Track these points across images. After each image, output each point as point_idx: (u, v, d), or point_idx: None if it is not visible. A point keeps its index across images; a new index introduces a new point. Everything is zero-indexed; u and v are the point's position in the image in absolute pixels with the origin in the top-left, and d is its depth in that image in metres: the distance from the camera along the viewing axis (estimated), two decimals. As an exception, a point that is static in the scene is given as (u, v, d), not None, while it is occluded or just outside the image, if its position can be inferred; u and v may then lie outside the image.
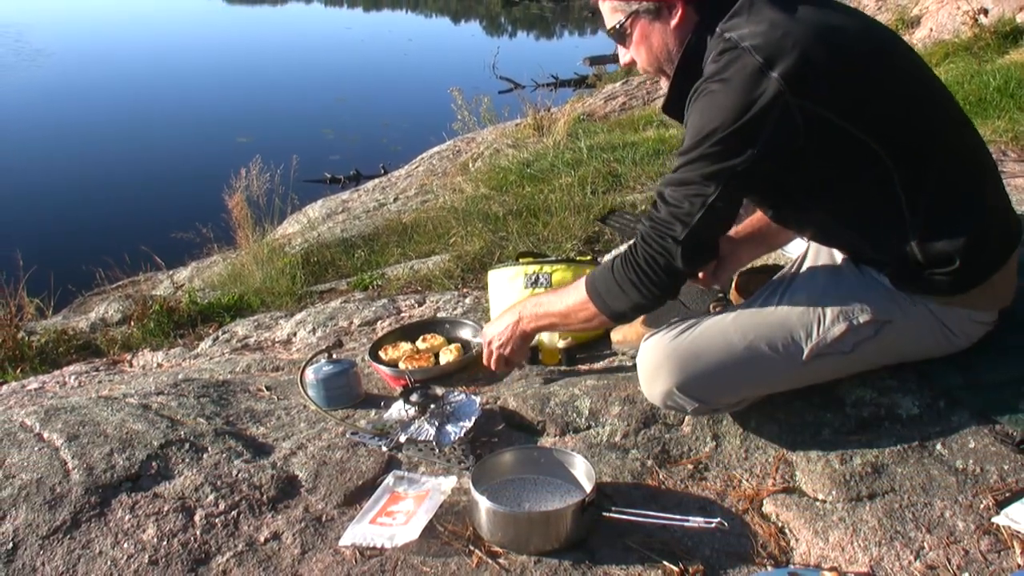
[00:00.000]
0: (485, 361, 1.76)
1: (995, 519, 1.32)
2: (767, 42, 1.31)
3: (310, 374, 1.87)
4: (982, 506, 1.35)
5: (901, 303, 1.45)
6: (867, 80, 1.35)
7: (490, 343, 1.72)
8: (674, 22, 1.43)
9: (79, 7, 26.88)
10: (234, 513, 1.47)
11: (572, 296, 1.54)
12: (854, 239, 1.47)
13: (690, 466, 1.54)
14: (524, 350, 1.74)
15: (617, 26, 1.48)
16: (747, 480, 1.49)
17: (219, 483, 1.53)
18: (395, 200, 5.61)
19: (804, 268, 1.58)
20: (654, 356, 1.50)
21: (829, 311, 1.46)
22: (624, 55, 1.55)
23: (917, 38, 6.57)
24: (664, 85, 1.55)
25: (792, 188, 1.41)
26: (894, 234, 1.39)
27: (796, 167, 1.35)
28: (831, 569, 1.25)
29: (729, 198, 1.36)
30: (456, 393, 1.73)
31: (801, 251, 1.68)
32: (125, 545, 1.39)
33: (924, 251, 1.38)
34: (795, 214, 1.52)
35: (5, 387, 2.54)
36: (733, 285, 2.03)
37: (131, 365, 2.74)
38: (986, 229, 1.43)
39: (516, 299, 2.10)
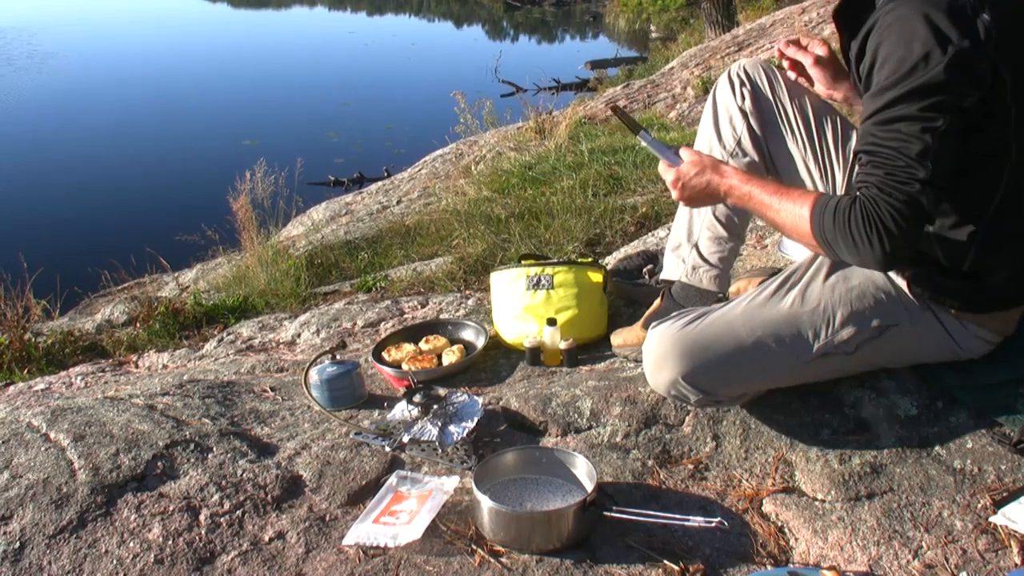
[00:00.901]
0: (671, 183, 1.52)
1: (992, 518, 1.33)
2: None
3: (314, 375, 1.88)
4: (980, 506, 1.36)
5: (910, 307, 1.45)
6: None
7: (678, 181, 1.50)
8: None
9: (85, 10, 26.99)
10: (239, 513, 1.47)
11: (789, 217, 1.36)
12: (928, 230, 1.37)
13: (690, 466, 1.55)
14: (705, 204, 1.56)
15: None
16: (747, 480, 1.50)
17: (224, 483, 1.54)
18: (398, 203, 5.62)
19: (815, 263, 1.54)
20: (661, 345, 1.50)
21: (839, 313, 1.45)
22: None
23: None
24: None
25: None
26: (966, 233, 1.34)
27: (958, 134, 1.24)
28: (830, 568, 1.26)
29: (954, 138, 1.22)
30: (459, 394, 1.74)
31: (802, 254, 1.67)
32: (131, 544, 1.40)
33: (979, 257, 1.36)
34: None
35: (12, 388, 2.55)
36: (741, 287, 2.04)
37: (137, 366, 2.75)
38: None
39: (519, 301, 2.11)
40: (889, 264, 1.31)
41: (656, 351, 1.51)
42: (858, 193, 1.28)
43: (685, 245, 1.88)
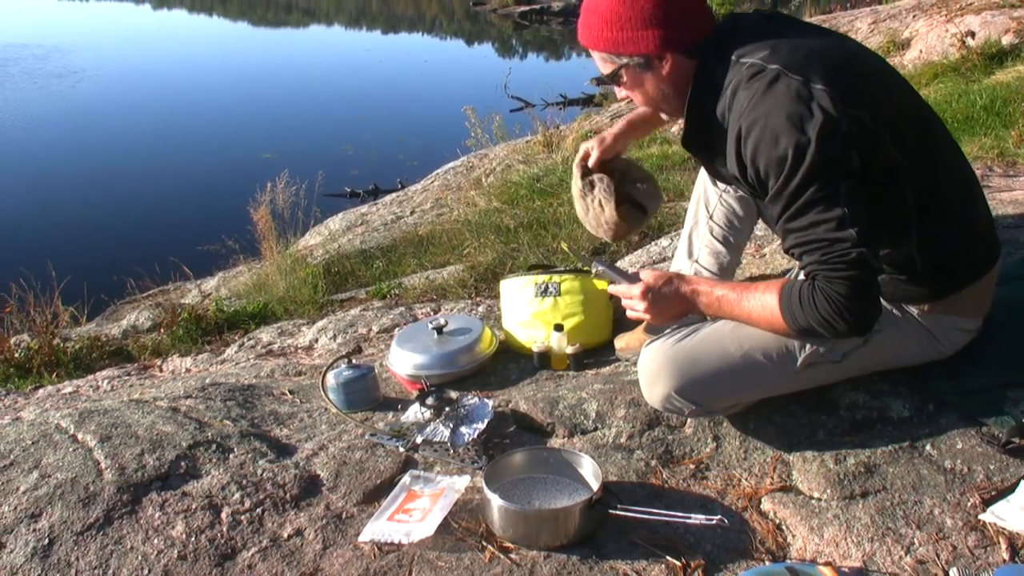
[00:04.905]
0: (639, 296, 1.52)
1: (982, 516, 1.36)
2: (794, 61, 1.31)
3: (331, 378, 1.92)
4: (969, 504, 1.39)
5: (889, 313, 1.50)
6: (878, 87, 1.38)
7: (647, 292, 1.50)
8: (665, 71, 1.44)
9: (113, 30, 27.46)
10: (259, 510, 1.51)
11: (761, 316, 1.42)
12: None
13: (692, 466, 1.58)
14: (674, 313, 1.54)
15: (608, 76, 1.50)
16: (746, 479, 1.53)
17: (244, 482, 1.58)
18: (412, 213, 5.69)
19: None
20: (654, 361, 1.55)
21: None
22: (620, 92, 1.56)
23: (908, 59, 6.62)
24: (664, 116, 1.56)
25: None
26: (899, 243, 1.42)
27: None
28: (826, 564, 1.29)
29: (860, 192, 1.29)
30: (469, 396, 1.78)
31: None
32: (155, 541, 1.43)
33: (923, 259, 1.43)
34: None
35: (41, 391, 2.62)
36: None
37: (161, 370, 2.80)
38: (974, 237, 1.48)
39: (527, 307, 2.16)
40: (867, 327, 1.38)
41: (650, 367, 1.55)
42: (812, 281, 1.34)
43: (687, 261, 1.95)
